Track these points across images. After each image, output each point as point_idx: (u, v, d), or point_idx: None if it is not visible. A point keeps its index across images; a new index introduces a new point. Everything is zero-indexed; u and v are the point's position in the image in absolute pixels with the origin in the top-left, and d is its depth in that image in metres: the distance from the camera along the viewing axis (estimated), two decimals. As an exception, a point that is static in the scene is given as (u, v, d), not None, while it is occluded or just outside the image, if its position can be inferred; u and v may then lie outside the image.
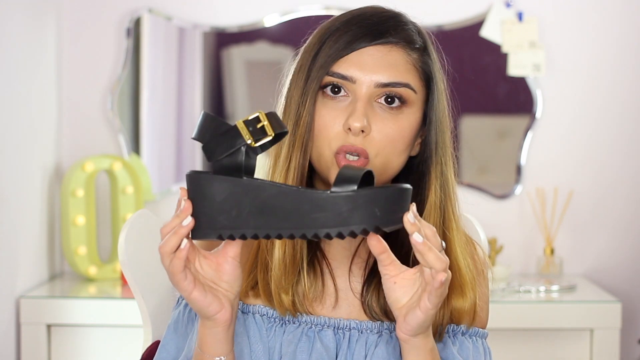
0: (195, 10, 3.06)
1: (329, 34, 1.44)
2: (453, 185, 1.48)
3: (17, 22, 2.65)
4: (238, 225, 1.26)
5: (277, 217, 1.25)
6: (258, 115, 1.27)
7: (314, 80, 1.42)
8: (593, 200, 3.05)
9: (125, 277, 1.64)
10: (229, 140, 1.27)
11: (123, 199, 2.92)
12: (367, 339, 1.43)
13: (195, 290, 1.29)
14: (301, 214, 1.24)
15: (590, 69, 3.04)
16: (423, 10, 3.05)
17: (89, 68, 3.04)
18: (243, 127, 1.27)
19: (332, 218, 1.23)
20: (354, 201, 1.23)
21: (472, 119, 3.09)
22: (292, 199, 1.24)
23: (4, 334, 2.56)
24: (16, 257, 2.63)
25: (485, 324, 1.51)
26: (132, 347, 2.60)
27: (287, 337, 1.43)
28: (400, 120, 1.42)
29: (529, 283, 2.82)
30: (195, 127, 1.29)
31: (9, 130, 2.57)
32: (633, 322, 3.00)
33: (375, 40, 1.43)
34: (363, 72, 1.41)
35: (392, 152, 1.42)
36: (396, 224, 1.25)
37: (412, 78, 1.43)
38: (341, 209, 1.23)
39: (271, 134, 1.27)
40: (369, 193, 1.23)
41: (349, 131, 1.40)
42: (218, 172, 1.27)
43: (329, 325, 1.44)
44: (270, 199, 1.25)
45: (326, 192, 1.23)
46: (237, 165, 1.27)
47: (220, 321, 1.32)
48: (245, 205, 1.25)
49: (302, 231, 1.24)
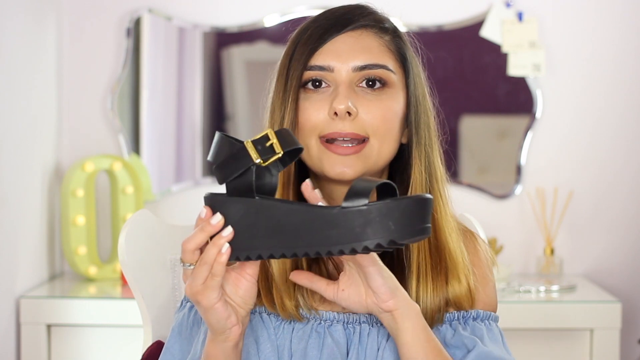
0: (195, 10, 3.06)
1: (301, 34, 1.46)
2: (440, 171, 1.47)
3: (17, 22, 2.65)
4: (254, 246, 1.25)
5: (290, 236, 1.23)
6: (267, 134, 1.26)
7: (294, 78, 1.43)
8: (593, 200, 3.05)
9: (125, 277, 1.64)
10: (238, 161, 1.25)
11: (123, 199, 2.92)
12: (379, 333, 1.42)
13: (220, 301, 1.29)
14: (313, 232, 1.22)
15: (590, 69, 3.04)
16: (423, 10, 3.05)
17: (89, 68, 3.04)
18: (251, 146, 1.26)
19: (344, 234, 1.20)
20: (366, 216, 1.20)
21: (472, 119, 3.09)
22: (303, 217, 1.23)
23: (4, 334, 2.56)
24: (16, 257, 2.63)
25: (495, 307, 1.50)
26: (132, 347, 2.60)
27: (297, 335, 1.43)
28: (384, 100, 1.43)
29: (529, 283, 2.82)
30: (211, 148, 1.28)
31: (9, 130, 2.57)
32: (633, 322, 3.00)
33: (346, 28, 1.45)
34: (339, 59, 1.43)
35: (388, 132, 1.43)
36: (415, 236, 1.21)
37: (388, 59, 1.45)
38: (353, 225, 1.20)
39: (279, 151, 1.25)
40: (381, 207, 1.20)
41: (335, 116, 1.41)
42: (231, 194, 1.26)
43: (338, 320, 1.43)
44: (283, 217, 1.23)
45: (337, 208, 1.21)
46: (249, 185, 1.26)
47: (232, 336, 1.32)
48: (260, 225, 1.25)
49: (316, 249, 1.22)
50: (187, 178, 3.11)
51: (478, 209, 3.04)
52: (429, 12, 3.04)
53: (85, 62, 3.04)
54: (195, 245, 1.28)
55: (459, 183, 3.07)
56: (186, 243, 1.28)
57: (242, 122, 3.12)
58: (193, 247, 1.28)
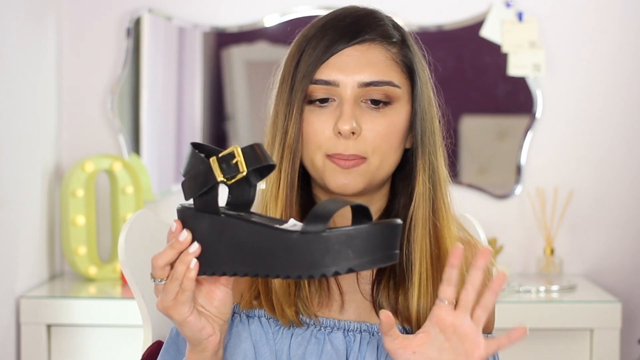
0: (195, 10, 3.06)
1: (307, 42, 1.44)
2: (443, 176, 1.46)
3: (17, 23, 2.65)
4: (219, 263, 1.25)
5: (252, 257, 1.22)
6: (233, 151, 1.24)
7: (298, 90, 1.42)
8: (593, 200, 3.05)
9: (125, 277, 1.64)
10: (205, 177, 1.23)
11: (123, 199, 2.92)
12: (379, 342, 1.42)
13: (192, 314, 1.29)
14: (274, 255, 1.20)
15: (590, 69, 3.04)
16: (423, 10, 3.05)
17: (89, 68, 3.04)
18: (216, 164, 1.23)
19: (302, 261, 1.19)
20: (325, 242, 1.18)
21: (472, 119, 3.09)
22: (266, 239, 1.21)
23: (4, 334, 2.56)
24: (16, 257, 2.63)
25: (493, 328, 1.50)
26: (132, 347, 2.60)
27: (296, 340, 1.42)
28: (389, 116, 1.42)
29: (529, 283, 2.82)
30: (184, 161, 1.26)
31: (9, 130, 2.57)
32: (633, 322, 3.00)
33: (352, 41, 1.43)
34: (344, 74, 1.41)
35: (389, 149, 1.42)
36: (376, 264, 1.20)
37: (394, 74, 1.43)
38: (312, 251, 1.18)
39: (243, 170, 1.23)
40: (339, 235, 1.17)
41: (340, 135, 1.40)
42: (199, 209, 1.25)
43: (338, 328, 1.43)
44: (246, 237, 1.22)
45: (297, 233, 1.19)
46: (213, 202, 1.24)
47: (210, 346, 1.32)
48: (224, 243, 1.24)
49: (277, 272, 1.21)
50: (187, 178, 3.10)
51: (478, 209, 3.04)
52: (429, 12, 3.04)
53: (85, 62, 3.04)
54: (164, 261, 1.28)
55: (459, 183, 3.07)
56: (156, 259, 1.29)
57: (242, 122, 3.12)
58: (163, 263, 1.28)
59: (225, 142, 3.13)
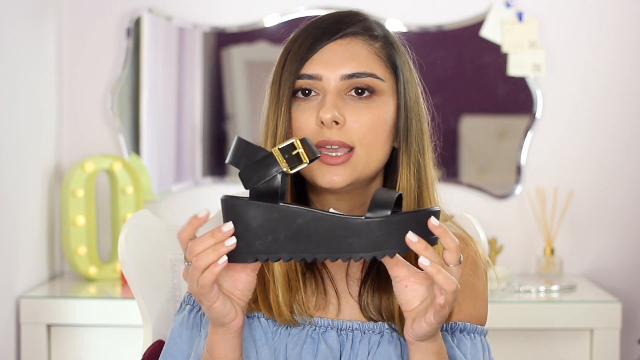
0: (195, 10, 3.06)
1: (292, 43, 1.48)
2: (431, 177, 1.48)
3: (17, 22, 2.65)
4: (275, 250, 1.29)
5: (312, 242, 1.29)
6: (293, 142, 1.30)
7: (285, 88, 1.45)
8: (593, 200, 3.05)
9: (125, 277, 1.65)
10: (266, 167, 1.30)
11: (123, 199, 2.92)
12: (370, 339, 1.45)
13: (218, 300, 1.32)
14: (336, 239, 1.29)
15: (590, 69, 3.04)
16: (423, 10, 3.05)
17: (89, 68, 3.04)
18: (279, 154, 1.30)
19: (366, 243, 1.28)
20: (387, 227, 1.28)
21: (472, 119, 3.09)
22: (327, 225, 1.29)
23: (4, 334, 2.56)
24: (16, 257, 2.64)
25: (484, 321, 1.51)
26: (133, 347, 2.60)
27: (292, 340, 1.45)
28: (373, 108, 1.44)
29: (529, 283, 2.82)
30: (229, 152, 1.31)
31: (9, 130, 2.57)
32: (633, 322, 3.00)
33: (334, 36, 1.46)
34: (327, 68, 1.44)
35: (374, 141, 1.44)
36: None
37: (377, 67, 1.46)
38: (375, 235, 1.28)
39: (306, 161, 1.31)
40: (402, 219, 1.28)
41: (323, 125, 1.42)
42: (254, 198, 1.30)
43: (332, 327, 1.46)
44: (306, 224, 1.29)
45: (360, 218, 1.28)
46: (274, 191, 1.30)
47: (233, 328, 1.35)
48: (282, 230, 1.29)
49: (338, 255, 1.29)
50: (187, 178, 3.11)
51: (478, 209, 3.04)
52: (429, 12, 3.04)
53: (85, 62, 3.04)
54: (202, 248, 1.29)
55: (459, 183, 3.07)
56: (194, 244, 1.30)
57: (242, 122, 3.12)
58: (200, 249, 1.29)
59: (225, 142, 3.13)
